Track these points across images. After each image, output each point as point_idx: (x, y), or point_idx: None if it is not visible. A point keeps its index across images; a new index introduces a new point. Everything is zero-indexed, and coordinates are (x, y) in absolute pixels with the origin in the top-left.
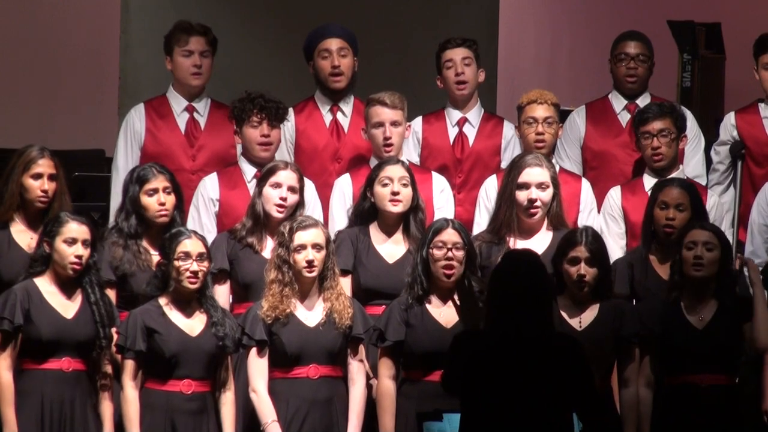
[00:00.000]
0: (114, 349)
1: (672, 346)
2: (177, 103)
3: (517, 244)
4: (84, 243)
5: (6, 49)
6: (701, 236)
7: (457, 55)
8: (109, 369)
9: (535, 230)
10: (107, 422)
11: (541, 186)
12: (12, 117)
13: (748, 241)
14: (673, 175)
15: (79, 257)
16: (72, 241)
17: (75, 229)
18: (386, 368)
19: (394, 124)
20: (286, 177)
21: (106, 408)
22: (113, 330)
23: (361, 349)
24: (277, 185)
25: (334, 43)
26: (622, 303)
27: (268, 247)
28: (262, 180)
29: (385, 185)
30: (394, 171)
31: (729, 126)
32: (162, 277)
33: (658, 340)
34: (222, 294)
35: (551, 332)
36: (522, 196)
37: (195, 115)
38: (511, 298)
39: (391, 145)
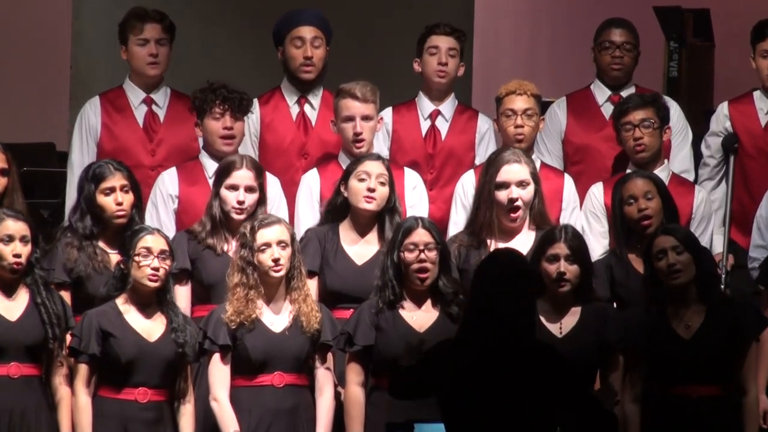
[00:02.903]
0: (66, 352)
1: (659, 357)
2: (134, 95)
3: (498, 246)
4: (22, 240)
5: None
6: (667, 242)
7: (444, 43)
8: (64, 374)
9: (516, 231)
10: (64, 430)
11: (521, 184)
12: None
13: (755, 236)
14: (658, 170)
15: (18, 255)
16: (8, 239)
17: (11, 226)
18: (355, 374)
19: (365, 118)
20: (242, 177)
21: (64, 417)
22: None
23: (329, 357)
24: (233, 187)
25: (308, 32)
26: (605, 306)
27: (232, 248)
28: (217, 181)
29: (361, 180)
30: (372, 167)
31: (722, 116)
32: (121, 277)
33: (644, 351)
34: (182, 295)
35: (533, 341)
36: (501, 195)
37: (153, 107)
38: (494, 301)
39: (362, 140)
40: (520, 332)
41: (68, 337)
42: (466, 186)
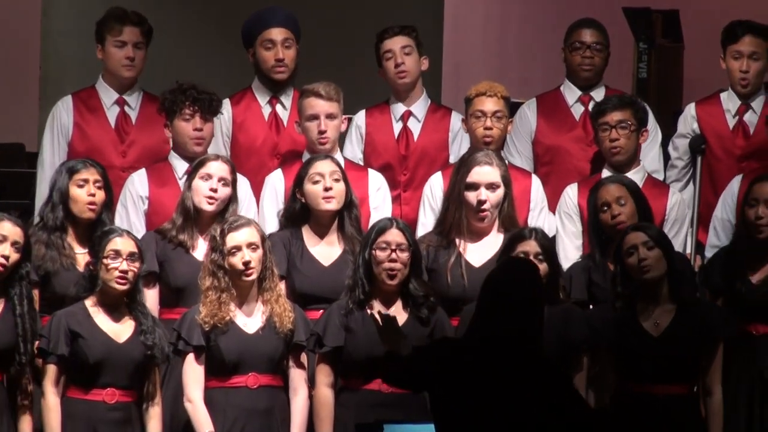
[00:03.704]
0: (35, 352)
1: (627, 353)
2: (107, 95)
3: (467, 247)
4: (14, 245)
5: None
6: (638, 238)
7: (396, 44)
8: (29, 385)
9: (485, 232)
10: None
11: (491, 186)
12: None
13: (712, 237)
14: (633, 171)
15: (5, 257)
16: (1, 239)
17: (7, 227)
18: (324, 375)
19: (329, 116)
20: (217, 168)
21: (26, 422)
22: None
23: (303, 357)
24: (208, 176)
25: (278, 34)
26: (570, 307)
27: (200, 247)
28: (192, 173)
29: (316, 182)
30: (324, 166)
31: (689, 118)
32: (90, 278)
33: (612, 348)
34: (151, 298)
35: (539, 347)
36: (471, 196)
37: (126, 108)
38: (505, 308)
39: (325, 138)
40: (528, 339)
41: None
42: (434, 188)
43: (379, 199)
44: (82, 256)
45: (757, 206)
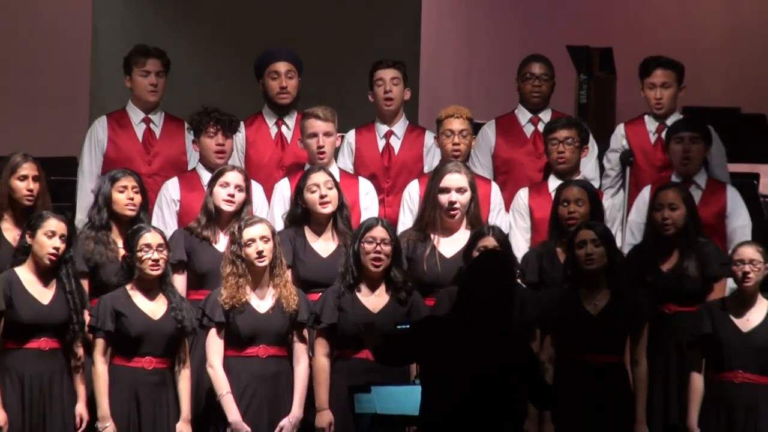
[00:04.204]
0: (87, 329)
1: (570, 328)
2: (135, 115)
3: (440, 240)
4: (61, 237)
5: None
6: (589, 235)
7: (387, 75)
8: (81, 350)
9: (455, 229)
10: (81, 394)
11: (460, 190)
12: None
13: (628, 236)
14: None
15: (57, 249)
16: (51, 234)
17: (55, 224)
18: (321, 347)
19: (326, 134)
20: (233, 177)
21: (80, 382)
22: (86, 313)
23: (305, 332)
24: (226, 184)
25: (282, 66)
26: (523, 290)
27: (221, 241)
28: (212, 181)
29: (313, 191)
30: (318, 177)
31: (619, 136)
32: (127, 268)
33: (557, 323)
34: (180, 282)
35: (508, 323)
36: (443, 199)
37: (151, 125)
38: (483, 292)
39: (323, 153)
40: (502, 316)
41: (87, 318)
42: (412, 193)
43: (368, 202)
44: (123, 250)
45: (662, 210)
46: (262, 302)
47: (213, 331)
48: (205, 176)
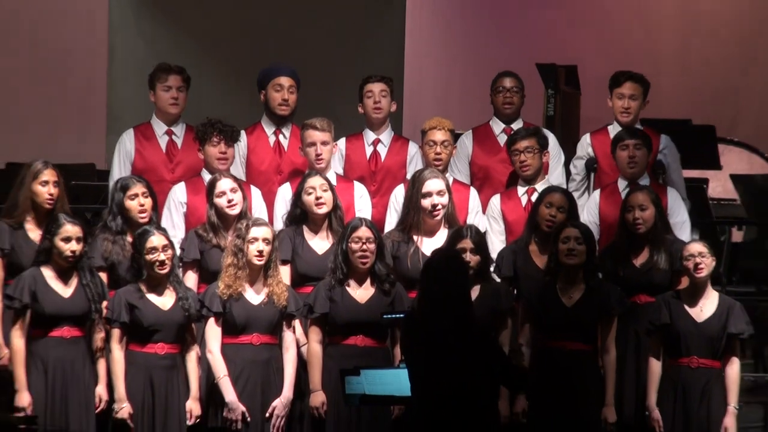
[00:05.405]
0: (104, 320)
1: (547, 317)
2: (159, 127)
3: (422, 240)
4: (77, 240)
5: (19, 86)
6: (573, 232)
7: (376, 88)
8: (101, 337)
9: (435, 230)
10: (102, 377)
11: (440, 193)
12: (21, 138)
13: None
14: (538, 184)
15: (74, 251)
16: (67, 239)
17: (70, 229)
18: (314, 334)
19: (323, 143)
20: (225, 184)
21: (101, 366)
22: (104, 304)
23: (295, 323)
24: (222, 193)
25: (286, 81)
26: (498, 285)
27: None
28: (209, 195)
29: (310, 194)
30: (315, 181)
31: (585, 144)
32: (137, 267)
33: (535, 312)
34: (192, 279)
35: (470, 316)
36: (426, 202)
37: (173, 137)
38: (440, 284)
39: (321, 159)
40: (461, 308)
41: (104, 309)
42: (398, 196)
43: (362, 204)
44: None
45: (633, 211)
46: (255, 296)
47: (212, 321)
48: None
